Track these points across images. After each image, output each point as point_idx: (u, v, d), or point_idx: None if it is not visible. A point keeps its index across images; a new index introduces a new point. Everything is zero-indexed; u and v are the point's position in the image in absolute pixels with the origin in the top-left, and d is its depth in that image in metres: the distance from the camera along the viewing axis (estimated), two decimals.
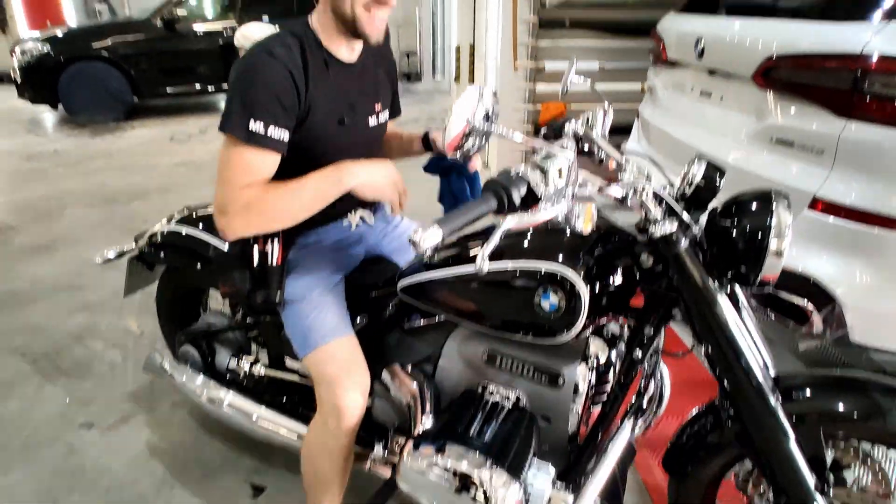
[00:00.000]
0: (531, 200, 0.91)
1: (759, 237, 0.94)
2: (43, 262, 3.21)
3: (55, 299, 2.78)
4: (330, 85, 1.21)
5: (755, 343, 1.06)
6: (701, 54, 2.16)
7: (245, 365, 1.61)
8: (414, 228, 0.82)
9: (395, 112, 1.51)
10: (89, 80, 6.47)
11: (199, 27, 6.99)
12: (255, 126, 1.09)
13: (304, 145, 1.20)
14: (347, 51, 1.25)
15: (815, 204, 1.69)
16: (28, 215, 3.91)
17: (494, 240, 0.82)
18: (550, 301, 1.03)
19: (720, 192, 1.06)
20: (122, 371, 2.26)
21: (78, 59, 6.43)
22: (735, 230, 0.97)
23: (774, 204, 0.96)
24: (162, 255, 1.68)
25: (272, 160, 1.14)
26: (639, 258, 1.05)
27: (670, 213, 1.00)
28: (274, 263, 1.31)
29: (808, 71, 1.72)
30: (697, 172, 1.02)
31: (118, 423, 2.01)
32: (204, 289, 1.88)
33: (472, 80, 7.69)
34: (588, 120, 1.33)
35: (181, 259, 1.65)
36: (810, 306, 1.74)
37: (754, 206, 0.98)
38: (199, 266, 1.58)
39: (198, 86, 7.10)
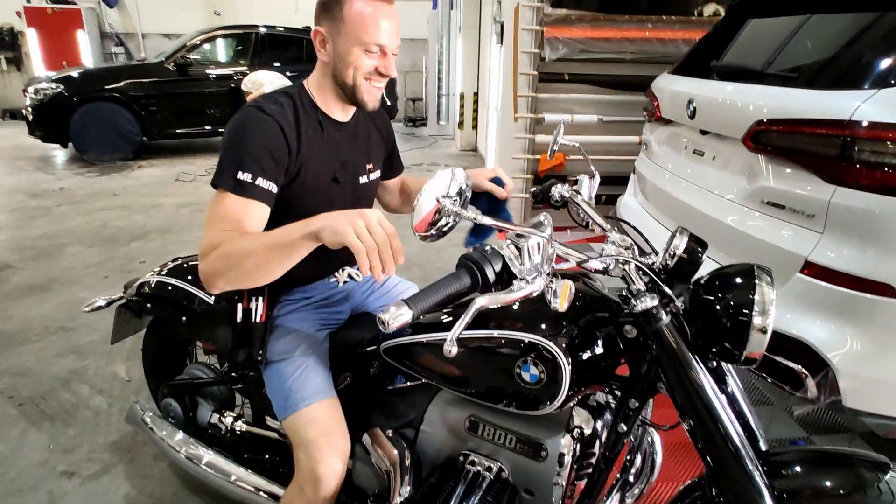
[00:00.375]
0: (506, 277, 0.90)
1: (742, 314, 0.93)
2: (37, 302, 3.20)
3: (46, 341, 2.77)
4: (324, 144, 1.25)
5: (744, 417, 1.04)
6: (693, 115, 2.19)
7: (227, 420, 1.58)
8: (382, 308, 0.82)
9: (396, 169, 1.55)
10: (100, 120, 6.62)
11: (212, 72, 7.19)
12: (244, 176, 1.10)
13: (295, 202, 1.22)
14: (342, 112, 1.29)
15: (807, 268, 1.68)
16: (28, 254, 3.93)
17: (464, 321, 0.81)
18: (531, 373, 1.01)
19: (703, 263, 1.06)
20: (106, 418, 2.22)
21: (90, 100, 6.59)
22: (718, 306, 0.95)
23: (756, 280, 0.95)
24: (149, 305, 1.67)
25: (259, 210, 1.13)
26: (622, 328, 1.03)
27: (652, 286, 0.99)
28: (257, 321, 1.30)
29: (797, 136, 1.74)
30: (680, 244, 1.02)
31: (99, 473, 1.97)
32: (190, 340, 1.86)
33: (474, 126, 7.84)
34: (575, 183, 1.35)
35: (167, 311, 1.64)
36: (804, 371, 1.71)
37: (736, 281, 0.97)
38: (184, 319, 1.57)
39: (207, 127, 7.25)
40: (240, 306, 1.30)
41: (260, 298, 1.30)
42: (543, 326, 1.03)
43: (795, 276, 1.69)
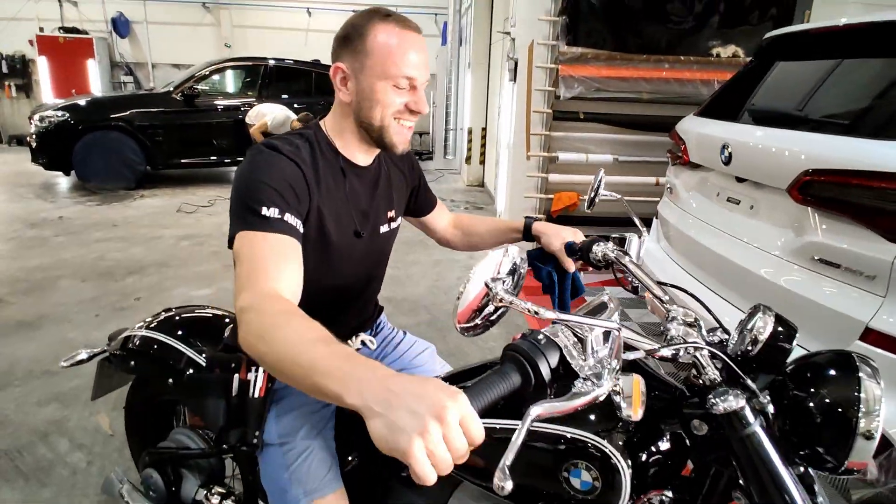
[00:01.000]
0: (563, 370, 0.74)
1: (845, 415, 0.75)
2: (24, 341, 3.02)
3: (28, 386, 2.58)
4: (345, 193, 1.11)
5: None
6: (728, 160, 2.05)
7: (214, 499, 1.39)
8: None
9: (429, 205, 1.44)
10: (104, 149, 6.55)
11: (220, 102, 7.15)
12: (270, 212, 0.92)
13: (315, 255, 1.07)
14: (364, 156, 1.16)
15: (868, 335, 1.51)
16: (20, 287, 3.77)
17: (517, 441, 0.65)
18: (582, 479, 0.83)
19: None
20: (83, 479, 2.02)
21: (95, 128, 6.53)
22: (811, 403, 0.78)
23: (859, 372, 0.78)
24: (132, 363, 1.50)
25: (295, 247, 0.94)
26: (689, 422, 0.86)
27: (730, 376, 0.82)
28: (256, 395, 1.13)
29: (852, 189, 1.59)
30: (764, 328, 0.84)
31: None
32: (178, 401, 1.68)
33: (482, 161, 7.77)
34: (623, 243, 1.20)
35: (152, 370, 1.47)
36: None
37: (832, 373, 0.80)
38: (170, 381, 1.39)
39: (213, 158, 7.18)
40: (236, 377, 1.13)
41: (261, 369, 1.14)
42: (593, 418, 0.86)
43: (854, 343, 1.52)
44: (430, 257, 4.64)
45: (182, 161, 7.09)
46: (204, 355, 1.36)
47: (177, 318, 1.52)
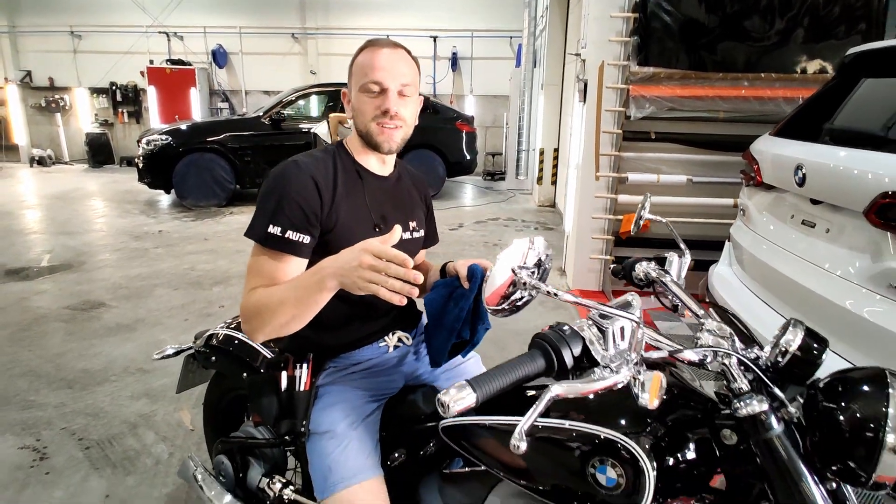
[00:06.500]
0: (586, 362, 0.80)
1: (872, 429, 0.74)
2: (122, 342, 3.34)
3: (123, 382, 2.85)
4: (362, 194, 1.25)
5: None
6: (802, 181, 1.97)
7: (276, 487, 1.49)
8: (444, 389, 0.73)
9: (431, 240, 1.51)
10: (199, 169, 7.14)
11: (304, 126, 7.61)
12: (274, 230, 1.12)
13: (338, 249, 1.17)
14: (379, 165, 1.31)
15: None
16: (121, 293, 4.17)
17: (535, 413, 0.72)
18: (608, 475, 0.86)
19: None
20: (165, 468, 2.20)
21: (193, 151, 7.13)
22: (841, 416, 0.77)
23: (891, 388, 0.76)
24: (213, 358, 1.66)
25: (291, 262, 1.15)
26: (719, 432, 0.86)
27: (759, 386, 0.82)
28: (301, 389, 1.24)
29: None
30: (793, 340, 0.84)
31: None
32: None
33: (553, 182, 7.74)
34: (663, 262, 1.20)
35: (230, 366, 1.62)
36: None
37: (864, 388, 0.78)
38: (245, 375, 1.53)
39: None
40: (284, 374, 1.26)
41: (305, 365, 1.26)
42: (624, 422, 0.89)
43: None
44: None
45: None
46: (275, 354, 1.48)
47: None
